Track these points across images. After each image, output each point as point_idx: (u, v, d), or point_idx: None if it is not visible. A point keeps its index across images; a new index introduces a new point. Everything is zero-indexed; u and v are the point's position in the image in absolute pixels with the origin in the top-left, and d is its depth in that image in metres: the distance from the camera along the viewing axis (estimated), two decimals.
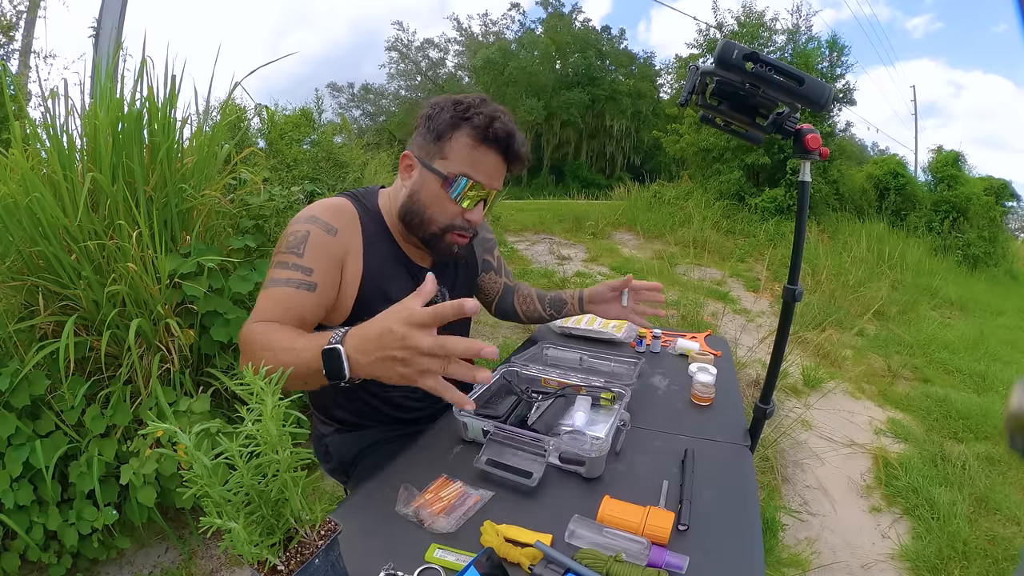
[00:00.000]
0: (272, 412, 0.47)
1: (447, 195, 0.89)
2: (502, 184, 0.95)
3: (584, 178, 20.83)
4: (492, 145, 0.89)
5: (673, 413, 1.06)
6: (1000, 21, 55.27)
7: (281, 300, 0.82)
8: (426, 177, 0.91)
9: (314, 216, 0.89)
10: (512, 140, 0.89)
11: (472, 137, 0.88)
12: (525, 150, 0.93)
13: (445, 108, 0.89)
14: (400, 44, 23.93)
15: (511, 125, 0.90)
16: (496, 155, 0.90)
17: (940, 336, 4.47)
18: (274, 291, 0.83)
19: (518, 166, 0.94)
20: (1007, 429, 0.34)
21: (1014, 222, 12.13)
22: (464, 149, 0.88)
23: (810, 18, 12.02)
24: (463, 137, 0.88)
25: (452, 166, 0.88)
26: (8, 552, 1.40)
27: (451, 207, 0.90)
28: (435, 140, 0.89)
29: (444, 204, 0.90)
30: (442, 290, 1.05)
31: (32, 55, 5.87)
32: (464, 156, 0.88)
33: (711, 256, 6.55)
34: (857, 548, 1.91)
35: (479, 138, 0.88)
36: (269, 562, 0.48)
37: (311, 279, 0.84)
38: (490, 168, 0.90)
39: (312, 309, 0.84)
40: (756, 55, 0.83)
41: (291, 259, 0.84)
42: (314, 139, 4.39)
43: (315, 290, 0.85)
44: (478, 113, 0.87)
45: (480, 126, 0.87)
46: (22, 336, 1.51)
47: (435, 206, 0.90)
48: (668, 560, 0.63)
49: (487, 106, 0.89)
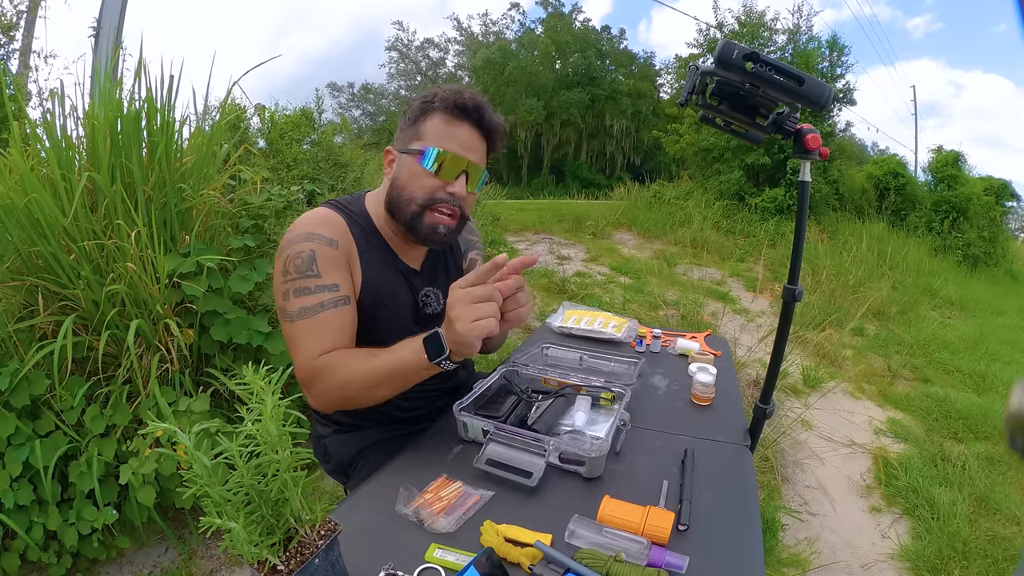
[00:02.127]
0: (272, 412, 0.47)
1: (422, 169, 0.89)
2: (483, 161, 0.95)
3: (584, 178, 20.84)
4: (463, 117, 0.90)
5: (673, 413, 1.06)
6: (1000, 21, 55.30)
7: (326, 325, 0.83)
8: (403, 161, 0.92)
9: (311, 233, 0.88)
10: (482, 110, 0.91)
11: (442, 113, 0.90)
12: (499, 120, 0.94)
13: (417, 98, 0.93)
14: (400, 44, 23.98)
15: (479, 98, 0.91)
16: (469, 127, 0.91)
17: (940, 336, 4.46)
18: (312, 321, 0.83)
19: (496, 138, 0.94)
20: (1007, 429, 0.34)
21: (1014, 222, 12.14)
22: (436, 126, 0.90)
23: (811, 18, 12.00)
24: (434, 115, 0.90)
25: (426, 143, 0.90)
26: (8, 552, 1.40)
27: (428, 180, 0.90)
28: (410, 126, 0.92)
29: (421, 179, 0.90)
30: (435, 291, 1.05)
31: (32, 55, 5.86)
32: (438, 132, 0.90)
33: (711, 256, 6.54)
34: (857, 548, 1.91)
35: (449, 112, 0.89)
36: (269, 562, 0.48)
37: (341, 294, 0.86)
38: (464, 139, 0.91)
39: (352, 322, 0.87)
40: (756, 55, 0.83)
41: (311, 283, 0.84)
42: (314, 139, 4.40)
43: (350, 303, 0.87)
44: (447, 91, 0.90)
45: (447, 99, 0.89)
46: (22, 336, 1.51)
47: (412, 183, 0.90)
48: (668, 560, 0.63)
49: (457, 87, 0.92)
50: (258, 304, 1.85)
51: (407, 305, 0.99)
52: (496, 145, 0.95)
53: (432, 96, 0.91)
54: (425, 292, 1.03)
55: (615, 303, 4.27)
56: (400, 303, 0.98)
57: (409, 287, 1.00)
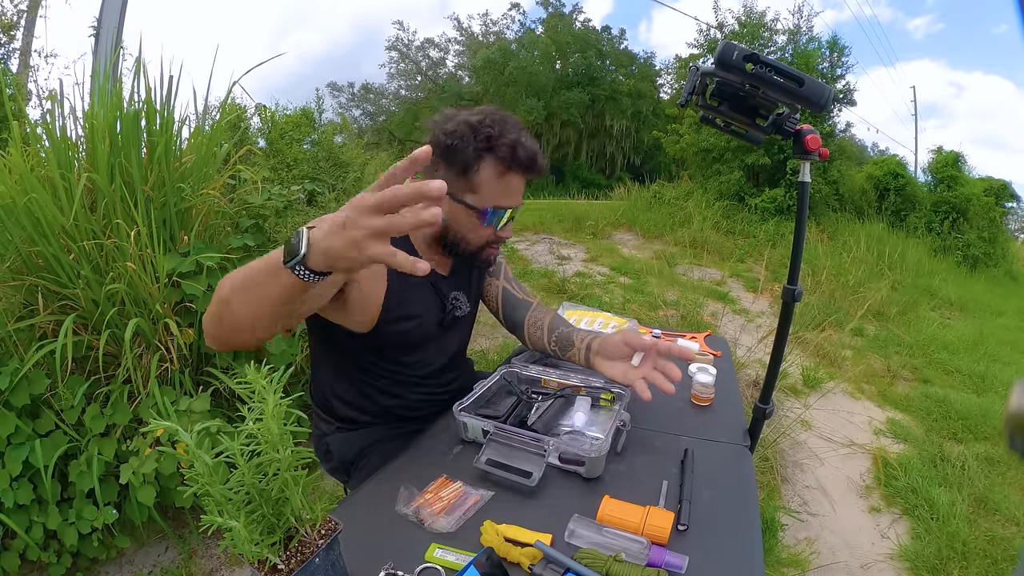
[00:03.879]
0: (273, 411, 0.47)
1: (481, 224, 0.93)
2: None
3: (584, 178, 20.83)
4: (518, 169, 0.91)
5: (673, 413, 1.06)
6: (1001, 22, 55.30)
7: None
8: (458, 210, 0.93)
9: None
10: (535, 160, 0.91)
11: (498, 166, 0.89)
12: (545, 162, 0.95)
13: (465, 138, 0.88)
14: (400, 44, 23.93)
15: (531, 145, 0.91)
16: (521, 176, 0.93)
17: (940, 336, 4.46)
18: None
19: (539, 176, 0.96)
20: (1007, 429, 0.35)
21: (1014, 223, 12.13)
22: (492, 180, 0.90)
23: (811, 19, 11.97)
24: (489, 168, 0.89)
25: (483, 200, 0.91)
26: (8, 551, 1.40)
27: (486, 232, 0.95)
28: (461, 173, 0.90)
29: (479, 231, 0.95)
30: (463, 294, 1.07)
31: (32, 54, 5.86)
32: (493, 187, 0.91)
33: (711, 256, 6.54)
34: (856, 548, 1.91)
35: (505, 166, 0.89)
36: (269, 561, 0.48)
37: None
38: (516, 187, 0.93)
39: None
40: (756, 56, 0.83)
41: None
42: (314, 139, 4.40)
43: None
44: (501, 143, 0.88)
45: (505, 157, 0.88)
46: (22, 335, 1.51)
47: (471, 233, 0.95)
48: (668, 560, 0.63)
49: (503, 126, 0.89)
50: None
51: (434, 311, 1.01)
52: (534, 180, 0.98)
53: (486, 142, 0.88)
54: (454, 296, 1.05)
55: (615, 303, 4.27)
56: (427, 309, 1.00)
57: (436, 292, 1.02)
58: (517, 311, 1.15)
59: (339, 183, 3.91)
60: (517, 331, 1.16)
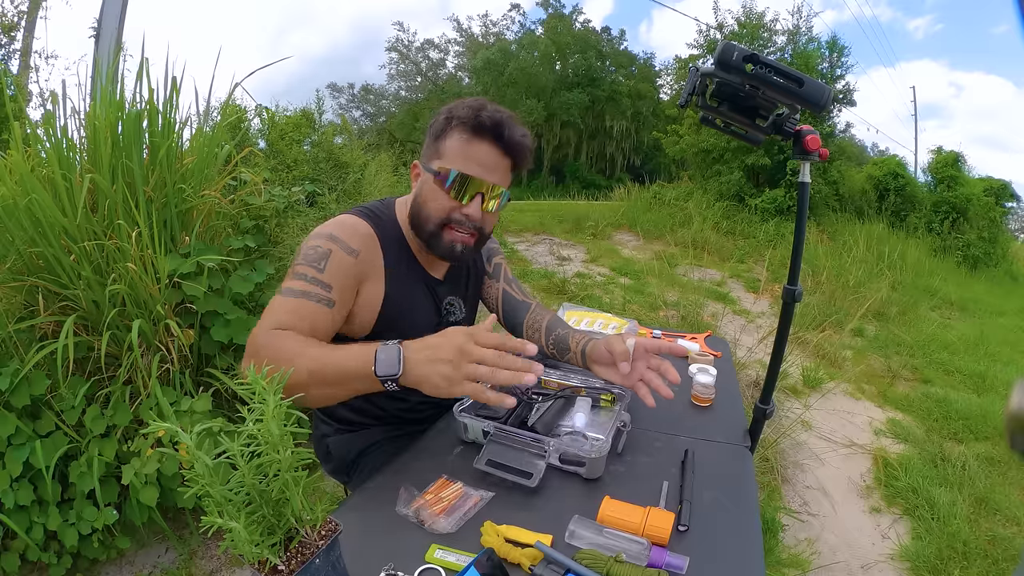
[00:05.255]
0: (274, 412, 0.47)
1: (441, 189, 0.89)
2: (506, 179, 0.93)
3: (584, 179, 20.84)
4: (483, 135, 0.88)
5: (673, 414, 1.06)
6: (1001, 22, 55.25)
7: (298, 311, 0.81)
8: (425, 178, 0.92)
9: (335, 235, 0.88)
10: (502, 127, 0.88)
11: (462, 131, 0.88)
12: (522, 137, 0.91)
13: (442, 112, 0.91)
14: (400, 45, 23.95)
15: (500, 114, 0.89)
16: (490, 145, 0.89)
17: (940, 336, 4.47)
18: (292, 301, 0.82)
19: (520, 157, 0.92)
20: (1007, 429, 0.35)
21: (1014, 223, 12.16)
22: (457, 144, 0.89)
23: (810, 19, 11.98)
24: (455, 133, 0.89)
25: (446, 162, 0.89)
26: (8, 552, 1.40)
27: (445, 201, 0.90)
28: (433, 142, 0.91)
29: (439, 199, 0.90)
30: (458, 299, 1.06)
31: (33, 55, 5.86)
32: (457, 151, 0.89)
33: (711, 257, 6.54)
34: (857, 548, 1.91)
35: (469, 130, 0.88)
36: (270, 562, 0.48)
37: (330, 296, 0.84)
38: (484, 159, 0.89)
39: (325, 325, 0.84)
40: (756, 56, 0.83)
41: (311, 272, 0.84)
42: (314, 140, 4.39)
43: (332, 307, 0.85)
44: (467, 107, 0.89)
45: (467, 117, 0.88)
46: (22, 336, 1.51)
47: (431, 202, 0.91)
48: (668, 560, 0.63)
49: (479, 102, 0.90)
50: (259, 305, 1.85)
51: (430, 315, 1.00)
52: (521, 161, 0.93)
53: (452, 111, 0.90)
54: (449, 301, 1.04)
55: (615, 304, 4.27)
56: (423, 313, 0.99)
57: (432, 297, 1.01)
58: (516, 313, 1.14)
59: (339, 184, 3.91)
60: (516, 333, 1.16)
